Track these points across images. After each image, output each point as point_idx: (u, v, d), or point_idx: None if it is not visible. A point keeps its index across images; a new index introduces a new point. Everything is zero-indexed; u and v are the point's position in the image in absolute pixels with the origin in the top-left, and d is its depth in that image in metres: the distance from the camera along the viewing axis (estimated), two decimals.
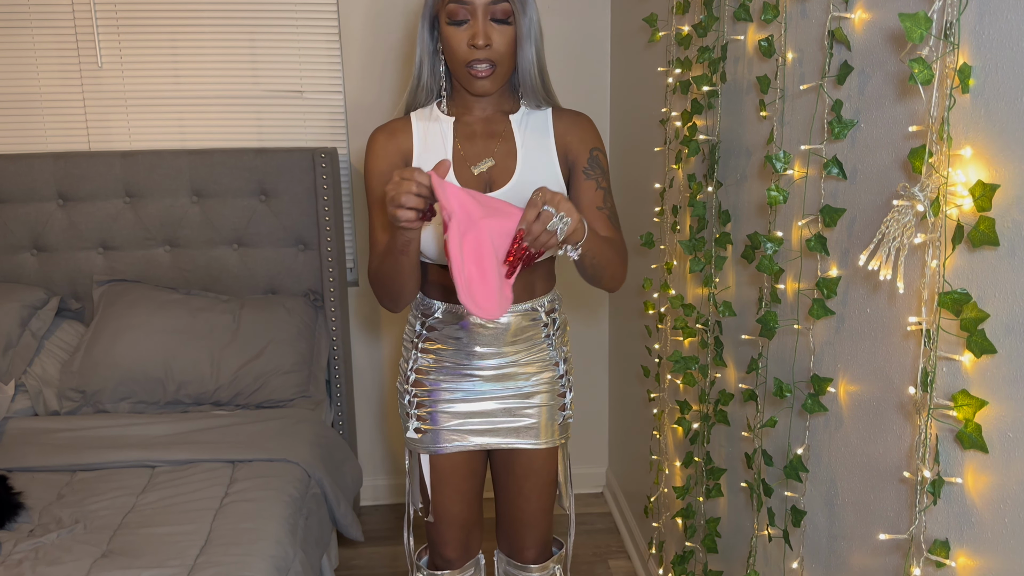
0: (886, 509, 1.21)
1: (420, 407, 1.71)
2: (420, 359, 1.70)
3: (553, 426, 1.73)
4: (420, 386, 1.70)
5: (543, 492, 1.77)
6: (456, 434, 1.70)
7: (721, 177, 1.81)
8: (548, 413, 1.72)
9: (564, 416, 1.75)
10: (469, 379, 1.68)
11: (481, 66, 1.51)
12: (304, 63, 2.84)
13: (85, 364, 2.55)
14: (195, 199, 2.76)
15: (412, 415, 1.71)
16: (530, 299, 1.67)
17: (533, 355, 1.69)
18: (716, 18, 1.75)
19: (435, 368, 1.69)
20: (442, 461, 1.72)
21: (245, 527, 1.92)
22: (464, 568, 1.85)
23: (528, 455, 1.73)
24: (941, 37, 0.99)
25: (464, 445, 1.71)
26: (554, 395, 1.72)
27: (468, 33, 1.50)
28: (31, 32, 2.74)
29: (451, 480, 1.74)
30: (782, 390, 1.47)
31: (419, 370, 1.70)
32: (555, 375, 1.72)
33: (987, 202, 0.94)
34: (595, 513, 3.12)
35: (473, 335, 1.66)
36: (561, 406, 1.73)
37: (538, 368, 1.70)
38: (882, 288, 1.20)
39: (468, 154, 1.59)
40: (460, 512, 1.77)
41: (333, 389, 2.84)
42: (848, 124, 1.25)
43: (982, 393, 0.98)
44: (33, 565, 1.76)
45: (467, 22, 1.50)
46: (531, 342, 1.69)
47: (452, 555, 1.81)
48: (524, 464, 1.74)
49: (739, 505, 1.80)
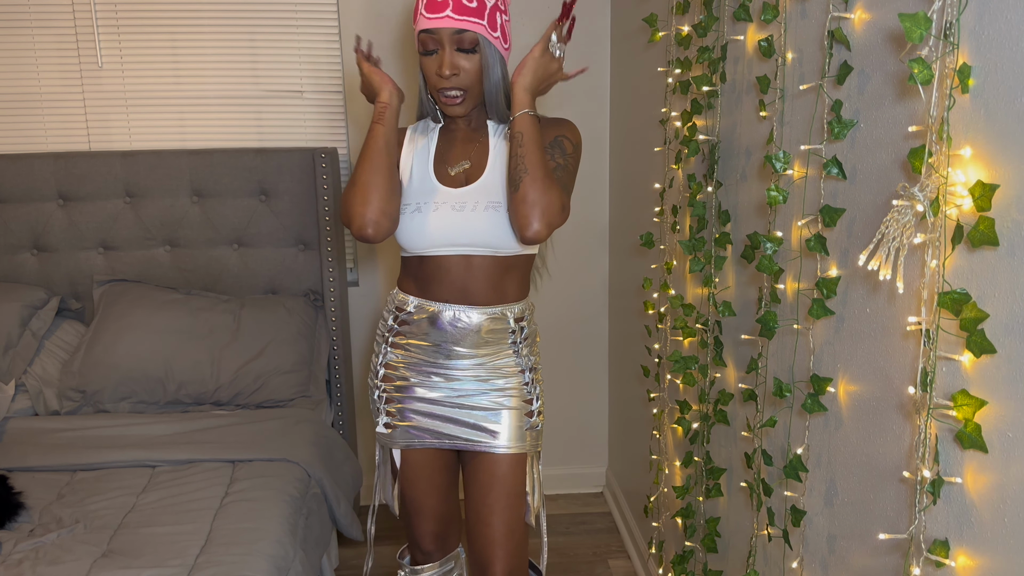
0: (886, 509, 1.21)
1: (389, 403, 1.74)
2: (390, 353, 1.74)
3: (520, 432, 1.71)
4: (389, 381, 1.74)
5: (509, 503, 1.71)
6: (425, 432, 1.72)
7: (721, 177, 1.81)
8: (515, 418, 1.71)
9: (531, 423, 1.73)
10: (438, 376, 1.70)
11: (450, 93, 1.61)
12: (304, 63, 2.84)
13: (85, 364, 2.55)
14: (195, 199, 2.76)
15: (382, 410, 1.75)
16: (501, 304, 1.69)
17: (500, 359, 1.71)
18: (716, 18, 1.75)
19: (404, 364, 1.72)
20: (414, 455, 1.75)
21: (245, 527, 1.92)
22: (444, 561, 1.87)
23: (493, 460, 1.71)
24: (941, 37, 0.99)
25: (432, 442, 1.73)
26: (521, 400, 1.72)
27: (437, 62, 1.59)
28: (31, 32, 2.74)
29: (423, 473, 1.76)
30: (782, 390, 1.47)
31: (388, 365, 1.74)
32: (521, 381, 1.72)
33: (987, 202, 0.94)
34: (595, 513, 3.12)
35: (443, 332, 1.68)
36: (528, 412, 1.73)
37: (505, 373, 1.71)
38: (882, 288, 1.20)
39: (447, 156, 1.70)
40: (436, 505, 1.79)
41: (333, 389, 2.84)
42: (848, 124, 1.25)
43: (982, 393, 0.98)
44: (33, 565, 1.76)
45: (436, 52, 1.59)
46: (498, 346, 1.70)
47: (430, 547, 1.83)
48: (489, 470, 1.71)
49: (739, 505, 1.80)
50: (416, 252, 1.67)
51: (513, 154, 1.54)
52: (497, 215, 1.61)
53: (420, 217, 1.63)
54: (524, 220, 1.51)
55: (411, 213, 1.64)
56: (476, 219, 1.61)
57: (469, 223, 1.62)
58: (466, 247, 1.64)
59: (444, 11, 1.54)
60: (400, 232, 1.65)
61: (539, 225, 1.51)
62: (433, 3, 1.55)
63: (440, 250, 1.65)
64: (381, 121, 1.61)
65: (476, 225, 1.62)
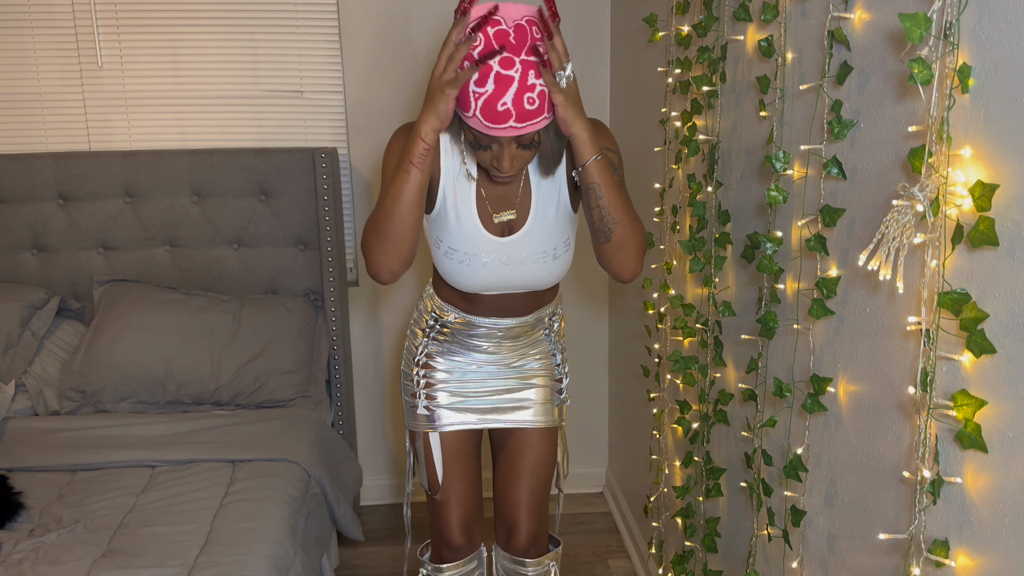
0: (886, 509, 1.21)
1: (429, 386, 1.79)
2: (430, 344, 1.80)
3: (550, 408, 1.84)
4: (428, 367, 1.80)
5: (536, 471, 1.84)
6: (461, 412, 1.80)
7: (721, 177, 1.81)
8: (546, 394, 1.83)
9: (560, 399, 1.87)
10: (475, 363, 1.79)
11: (503, 179, 1.52)
12: (304, 63, 2.84)
13: (85, 364, 2.55)
14: (195, 199, 2.76)
15: (421, 394, 1.80)
16: (537, 310, 1.78)
17: (535, 347, 1.83)
18: (716, 18, 1.75)
19: (443, 352, 1.80)
20: (450, 439, 1.80)
21: (245, 527, 1.92)
22: (468, 560, 1.88)
23: (525, 432, 1.83)
24: (941, 37, 0.99)
25: (470, 423, 1.80)
26: (551, 379, 1.85)
27: (493, 155, 1.46)
28: (31, 32, 2.74)
29: (459, 457, 1.81)
30: (782, 390, 1.47)
31: (428, 354, 1.80)
32: (552, 363, 1.86)
33: (987, 202, 0.94)
34: (595, 513, 3.12)
35: (481, 335, 1.77)
36: (558, 390, 1.86)
37: (538, 357, 1.83)
38: (882, 288, 1.20)
39: (489, 196, 1.61)
40: (468, 491, 1.84)
41: (333, 389, 2.85)
42: (848, 124, 1.25)
43: (981, 393, 0.98)
44: (33, 565, 1.76)
45: (490, 147, 1.46)
46: (533, 339, 1.83)
47: (459, 540, 1.85)
48: (520, 440, 1.83)
49: (739, 505, 1.80)
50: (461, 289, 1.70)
51: (594, 206, 1.48)
52: (544, 265, 1.64)
53: (469, 269, 1.63)
54: (624, 267, 1.54)
55: (458, 262, 1.62)
56: (524, 271, 1.64)
57: (517, 276, 1.64)
58: (512, 289, 1.69)
59: (507, 121, 1.37)
60: (448, 272, 1.65)
61: (638, 266, 1.56)
62: (493, 112, 1.36)
63: (486, 291, 1.69)
64: (421, 166, 1.45)
65: (524, 277, 1.65)
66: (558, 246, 1.64)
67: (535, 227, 1.61)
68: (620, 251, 1.52)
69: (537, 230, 1.61)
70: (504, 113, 1.36)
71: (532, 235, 1.62)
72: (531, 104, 1.36)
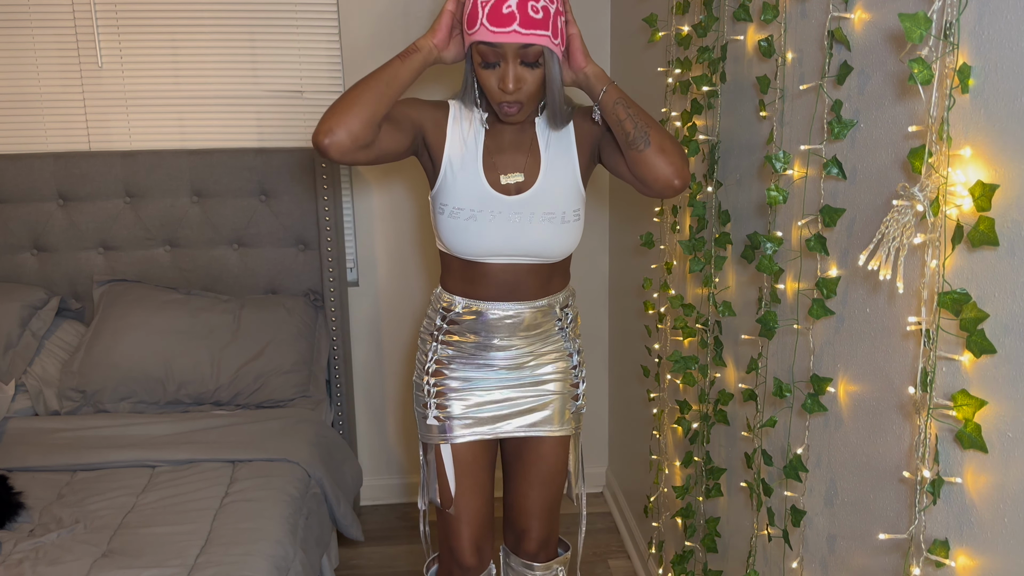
0: (886, 509, 1.21)
1: (440, 396, 1.75)
2: (440, 350, 1.75)
3: (566, 414, 1.79)
4: (440, 376, 1.75)
5: (548, 480, 1.80)
6: (474, 422, 1.75)
7: (721, 177, 1.81)
8: (562, 401, 1.78)
9: (577, 406, 1.81)
10: (487, 368, 1.74)
11: (511, 108, 1.56)
12: (304, 63, 2.84)
13: (85, 364, 2.55)
14: (195, 199, 2.77)
15: (431, 404, 1.75)
16: (547, 296, 1.73)
17: (548, 345, 1.77)
18: (716, 18, 1.75)
19: (454, 359, 1.75)
20: (462, 451, 1.75)
21: (245, 527, 1.92)
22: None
23: (539, 441, 1.78)
24: (941, 37, 0.99)
25: (483, 433, 1.75)
26: (567, 384, 1.79)
27: (498, 75, 1.52)
28: (31, 32, 2.74)
29: (471, 470, 1.77)
30: (782, 390, 1.47)
31: (439, 361, 1.75)
32: (569, 365, 1.79)
33: (987, 202, 0.94)
34: (595, 513, 3.12)
35: (491, 327, 1.72)
36: (574, 396, 1.80)
37: (553, 358, 1.77)
38: (882, 288, 1.20)
39: (496, 159, 1.66)
40: (480, 507, 1.78)
41: (333, 389, 2.85)
42: (848, 124, 1.25)
43: (982, 393, 0.98)
44: (33, 565, 1.76)
45: (498, 64, 1.51)
46: (546, 334, 1.76)
47: (471, 561, 1.79)
48: (534, 449, 1.79)
49: (739, 505, 1.80)
50: (467, 257, 1.68)
51: (624, 118, 1.53)
52: (551, 226, 1.64)
53: (476, 226, 1.62)
54: (671, 167, 1.52)
55: (465, 219, 1.62)
56: (532, 231, 1.63)
57: (525, 235, 1.63)
58: (518, 257, 1.67)
59: (511, 25, 1.45)
60: (452, 236, 1.65)
61: (684, 167, 1.54)
62: (499, 15, 1.45)
63: (492, 258, 1.67)
64: (403, 59, 1.54)
65: (531, 237, 1.64)
66: (567, 211, 1.65)
67: (543, 188, 1.64)
68: (663, 151, 1.53)
69: (546, 191, 1.64)
70: (508, 16, 1.44)
71: (540, 195, 1.64)
72: (535, 13, 1.45)
